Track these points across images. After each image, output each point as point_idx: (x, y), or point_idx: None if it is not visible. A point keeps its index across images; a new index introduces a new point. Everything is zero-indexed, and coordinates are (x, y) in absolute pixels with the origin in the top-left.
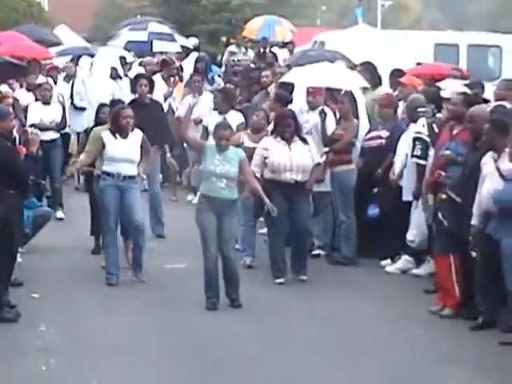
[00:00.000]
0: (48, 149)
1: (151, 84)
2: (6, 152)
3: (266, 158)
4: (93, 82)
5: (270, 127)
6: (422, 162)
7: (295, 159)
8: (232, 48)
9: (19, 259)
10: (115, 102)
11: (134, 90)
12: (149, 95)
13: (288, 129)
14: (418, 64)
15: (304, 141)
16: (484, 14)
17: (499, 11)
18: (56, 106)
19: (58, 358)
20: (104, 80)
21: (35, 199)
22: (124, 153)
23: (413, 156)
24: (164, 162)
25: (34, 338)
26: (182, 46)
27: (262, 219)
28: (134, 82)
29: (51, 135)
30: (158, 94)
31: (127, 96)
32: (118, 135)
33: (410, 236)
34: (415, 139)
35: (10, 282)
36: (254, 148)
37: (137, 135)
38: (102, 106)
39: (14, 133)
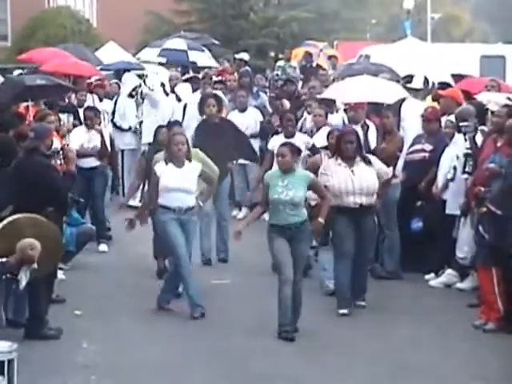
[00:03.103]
0: (89, 177)
1: (219, 103)
2: (44, 169)
3: (326, 183)
4: (160, 99)
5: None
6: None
7: (357, 181)
8: (280, 63)
9: (62, 276)
10: (172, 124)
11: (201, 111)
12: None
13: (350, 145)
14: (453, 76)
15: (367, 161)
16: None
17: None
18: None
19: (99, 376)
20: (162, 98)
21: (79, 217)
22: (177, 183)
23: (464, 172)
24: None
25: (75, 355)
26: (235, 59)
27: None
28: (202, 103)
29: (91, 162)
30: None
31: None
32: (170, 164)
33: (460, 253)
34: (466, 155)
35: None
36: None
37: (195, 166)
38: (159, 127)
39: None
